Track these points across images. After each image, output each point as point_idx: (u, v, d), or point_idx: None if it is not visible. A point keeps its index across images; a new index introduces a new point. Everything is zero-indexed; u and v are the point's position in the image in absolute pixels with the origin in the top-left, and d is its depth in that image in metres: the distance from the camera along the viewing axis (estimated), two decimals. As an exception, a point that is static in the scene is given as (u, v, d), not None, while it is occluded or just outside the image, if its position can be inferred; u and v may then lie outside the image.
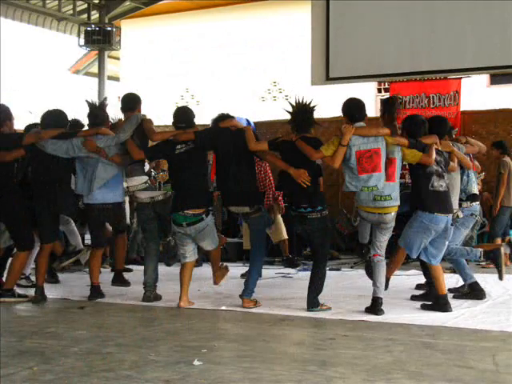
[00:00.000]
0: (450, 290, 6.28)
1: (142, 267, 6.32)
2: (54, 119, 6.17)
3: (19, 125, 7.12)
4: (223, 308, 5.77)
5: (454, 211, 5.89)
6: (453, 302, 5.94)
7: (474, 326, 5.00)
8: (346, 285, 7.21)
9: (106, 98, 7.01)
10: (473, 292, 6.19)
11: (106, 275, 7.49)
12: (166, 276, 6.78)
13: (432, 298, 5.79)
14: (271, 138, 6.11)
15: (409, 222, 5.67)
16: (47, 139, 5.99)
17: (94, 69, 16.15)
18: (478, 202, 6.45)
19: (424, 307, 5.73)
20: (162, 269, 6.45)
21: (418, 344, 4.43)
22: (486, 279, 7.44)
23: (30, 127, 6.78)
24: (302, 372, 3.70)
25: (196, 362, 3.86)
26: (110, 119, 6.59)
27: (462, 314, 5.44)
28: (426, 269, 6.07)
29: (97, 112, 6.23)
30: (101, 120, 6.17)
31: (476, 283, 6.23)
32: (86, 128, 6.47)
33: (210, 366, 3.81)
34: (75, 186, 6.20)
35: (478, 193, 6.56)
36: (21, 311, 5.84)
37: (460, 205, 6.22)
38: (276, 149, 5.88)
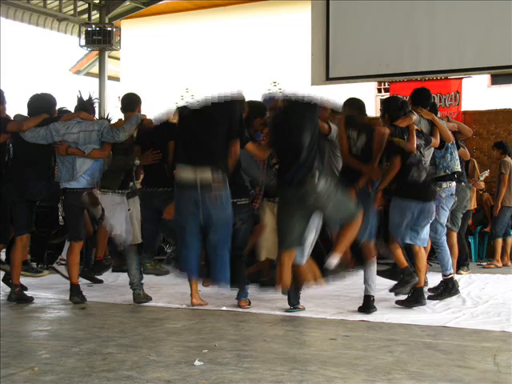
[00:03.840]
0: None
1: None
2: (39, 104, 6.19)
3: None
4: (224, 308, 5.77)
5: (437, 190, 6.00)
6: (454, 303, 5.95)
7: (474, 326, 5.00)
8: (347, 285, 7.20)
9: (97, 98, 7.02)
10: (446, 288, 6.13)
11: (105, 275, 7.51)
12: (167, 276, 6.76)
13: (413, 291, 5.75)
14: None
15: (390, 208, 5.68)
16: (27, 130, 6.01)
17: (95, 69, 16.11)
18: (454, 183, 6.40)
19: (399, 303, 5.75)
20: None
21: (418, 344, 4.43)
22: (486, 279, 7.46)
23: (18, 117, 6.78)
24: (303, 372, 3.70)
25: (197, 363, 3.86)
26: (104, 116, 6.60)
27: (463, 315, 5.44)
28: (411, 257, 5.91)
29: (85, 105, 6.28)
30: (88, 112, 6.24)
31: (451, 279, 6.16)
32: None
33: (211, 367, 3.81)
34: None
35: (460, 170, 6.54)
36: (22, 311, 5.84)
37: (440, 185, 6.22)
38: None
